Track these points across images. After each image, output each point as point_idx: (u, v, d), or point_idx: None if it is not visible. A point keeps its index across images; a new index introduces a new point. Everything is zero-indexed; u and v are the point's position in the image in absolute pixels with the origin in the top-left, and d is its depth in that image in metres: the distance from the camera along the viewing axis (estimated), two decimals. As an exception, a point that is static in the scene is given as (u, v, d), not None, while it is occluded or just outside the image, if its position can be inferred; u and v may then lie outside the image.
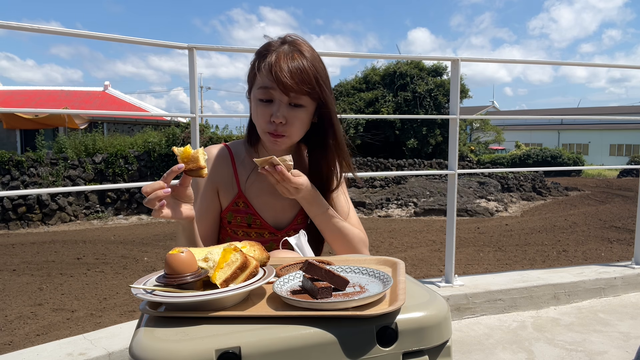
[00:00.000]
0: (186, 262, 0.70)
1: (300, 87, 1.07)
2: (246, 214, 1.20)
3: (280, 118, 1.09)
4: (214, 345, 0.58)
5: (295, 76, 1.06)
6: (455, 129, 2.69)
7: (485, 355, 2.16)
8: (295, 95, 1.08)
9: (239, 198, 1.20)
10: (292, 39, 1.13)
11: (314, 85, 1.08)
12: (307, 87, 1.08)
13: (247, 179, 1.21)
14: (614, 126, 34.03)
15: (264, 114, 1.11)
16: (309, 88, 1.08)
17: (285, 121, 1.10)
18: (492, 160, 21.42)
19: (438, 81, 18.47)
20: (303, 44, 1.12)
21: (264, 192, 1.21)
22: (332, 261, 0.90)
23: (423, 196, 10.94)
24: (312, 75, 1.08)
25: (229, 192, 1.21)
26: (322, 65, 1.13)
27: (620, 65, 3.38)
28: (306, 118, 1.13)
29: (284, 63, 1.06)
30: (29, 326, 3.82)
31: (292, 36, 1.14)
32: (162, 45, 2.17)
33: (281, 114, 1.09)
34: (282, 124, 1.10)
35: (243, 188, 1.20)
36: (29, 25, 1.85)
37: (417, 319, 0.65)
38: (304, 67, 1.07)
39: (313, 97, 1.11)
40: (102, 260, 5.99)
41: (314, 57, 1.12)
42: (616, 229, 7.67)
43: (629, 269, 3.01)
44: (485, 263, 5.64)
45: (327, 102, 1.13)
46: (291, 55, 1.08)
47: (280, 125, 1.10)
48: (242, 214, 1.20)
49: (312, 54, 1.12)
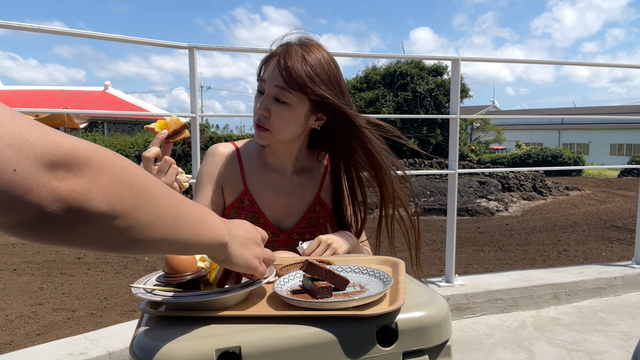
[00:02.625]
0: (186, 262, 0.70)
1: (285, 83, 1.05)
2: (250, 212, 1.19)
3: (263, 110, 1.08)
4: (214, 344, 0.58)
5: (282, 71, 1.05)
6: (456, 128, 2.69)
7: (485, 354, 2.16)
8: (280, 90, 1.06)
9: (244, 195, 1.19)
10: (305, 40, 1.12)
11: (303, 85, 1.05)
12: (292, 84, 1.05)
13: (254, 177, 1.20)
14: (615, 126, 34.01)
15: (255, 105, 1.11)
16: (295, 86, 1.05)
17: (268, 114, 1.08)
18: (493, 160, 21.42)
19: (438, 81, 18.48)
20: (314, 46, 1.10)
21: (269, 191, 1.20)
22: (332, 261, 0.90)
23: (423, 196, 10.94)
24: (303, 74, 1.04)
25: (235, 188, 1.19)
26: (327, 69, 1.09)
27: (621, 65, 3.38)
28: (291, 117, 1.09)
29: (281, 58, 1.06)
30: (30, 326, 3.83)
31: (309, 39, 1.13)
32: (163, 45, 2.17)
33: (263, 106, 1.08)
34: (265, 117, 1.09)
35: (249, 185, 1.19)
36: (32, 25, 1.85)
37: (417, 319, 0.65)
38: (296, 65, 1.05)
39: (303, 97, 1.07)
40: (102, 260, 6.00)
41: (319, 59, 1.08)
42: (617, 229, 7.67)
43: (629, 269, 3.01)
44: (485, 263, 5.64)
45: (328, 107, 1.09)
46: (293, 52, 1.06)
47: (262, 117, 1.09)
48: (247, 211, 1.19)
49: (319, 56, 1.08)
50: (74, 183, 0.40)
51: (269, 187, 1.20)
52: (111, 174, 0.44)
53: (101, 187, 0.43)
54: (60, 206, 0.40)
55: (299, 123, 1.11)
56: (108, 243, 0.46)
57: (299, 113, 1.10)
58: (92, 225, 0.43)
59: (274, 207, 1.20)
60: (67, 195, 0.40)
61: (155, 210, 0.49)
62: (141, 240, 0.48)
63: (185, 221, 0.53)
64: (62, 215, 0.40)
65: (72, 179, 0.40)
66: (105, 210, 0.43)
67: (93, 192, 0.42)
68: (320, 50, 1.11)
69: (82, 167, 0.41)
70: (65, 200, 0.40)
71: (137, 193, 0.46)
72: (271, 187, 1.20)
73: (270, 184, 1.20)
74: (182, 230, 0.53)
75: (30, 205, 0.38)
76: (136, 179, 0.47)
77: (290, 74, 1.04)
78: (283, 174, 1.21)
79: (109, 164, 0.44)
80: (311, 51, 1.09)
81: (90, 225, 0.43)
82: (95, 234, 0.44)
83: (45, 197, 0.39)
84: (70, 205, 0.40)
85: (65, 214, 0.40)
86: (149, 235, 0.49)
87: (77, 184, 0.41)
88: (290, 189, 1.21)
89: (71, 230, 0.42)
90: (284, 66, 1.05)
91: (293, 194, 1.21)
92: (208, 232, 0.58)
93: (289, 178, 1.21)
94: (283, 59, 1.06)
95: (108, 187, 0.43)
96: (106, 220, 0.44)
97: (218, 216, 0.62)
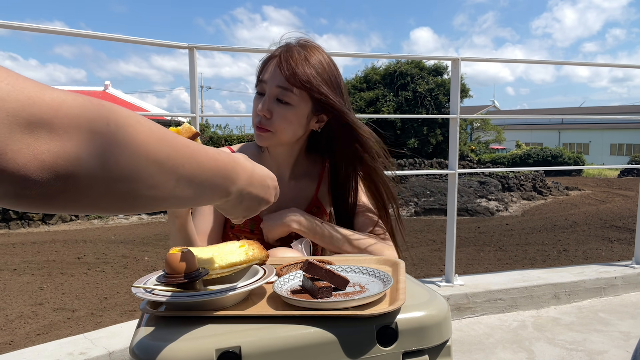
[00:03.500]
0: (186, 262, 0.70)
1: (288, 83, 1.04)
2: (250, 219, 1.17)
3: (264, 111, 1.07)
4: (214, 344, 0.58)
5: (285, 71, 1.04)
6: (456, 128, 2.69)
7: (485, 354, 2.16)
8: (282, 90, 1.06)
9: None
10: (305, 42, 1.11)
11: (306, 85, 1.04)
12: (295, 84, 1.04)
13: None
14: (615, 126, 34.02)
15: (254, 106, 1.10)
16: (299, 86, 1.04)
17: (270, 115, 1.07)
18: (493, 160, 21.42)
19: (439, 80, 18.48)
20: (313, 48, 1.10)
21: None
22: (333, 261, 0.90)
23: (423, 195, 10.94)
24: (306, 74, 1.04)
25: None
26: (328, 70, 1.09)
27: (621, 65, 3.38)
28: (293, 117, 1.08)
29: (282, 58, 1.05)
30: (30, 326, 3.83)
31: (308, 40, 1.12)
32: (162, 45, 2.17)
33: (265, 107, 1.07)
34: (267, 118, 1.08)
35: None
36: (32, 25, 1.85)
37: (417, 319, 0.65)
38: (298, 65, 1.04)
39: (305, 97, 1.07)
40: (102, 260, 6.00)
41: (320, 61, 1.08)
42: (617, 229, 7.67)
43: (629, 269, 3.01)
44: (485, 262, 5.65)
45: (329, 108, 1.09)
46: (293, 53, 1.06)
47: (264, 118, 1.08)
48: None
49: (319, 58, 1.08)
50: (58, 147, 0.34)
51: None
52: (105, 135, 0.37)
53: (93, 150, 0.36)
54: (46, 174, 0.34)
55: (301, 124, 1.11)
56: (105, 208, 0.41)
57: (301, 113, 1.09)
58: (87, 192, 0.37)
59: (272, 212, 1.18)
60: (52, 162, 0.34)
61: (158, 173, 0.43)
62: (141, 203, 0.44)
63: (189, 182, 0.48)
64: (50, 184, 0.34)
65: (56, 142, 0.34)
66: (101, 175, 0.37)
67: (84, 157, 0.36)
68: (320, 52, 1.11)
69: (67, 127, 0.35)
70: (50, 167, 0.34)
71: (137, 156, 0.41)
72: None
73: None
74: (186, 191, 0.48)
75: (6, 173, 0.32)
76: (136, 140, 0.40)
77: (293, 73, 1.04)
78: (281, 178, 1.19)
79: (101, 122, 0.37)
80: (312, 52, 1.09)
81: (84, 192, 0.37)
82: (91, 201, 0.39)
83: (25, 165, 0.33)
84: (58, 172, 0.34)
85: (53, 183, 0.34)
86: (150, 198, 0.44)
87: (63, 147, 0.34)
88: (288, 192, 1.19)
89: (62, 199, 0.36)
90: (286, 66, 1.04)
91: (290, 197, 1.20)
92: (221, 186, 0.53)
93: (287, 182, 1.20)
94: (285, 59, 1.05)
95: (102, 151, 0.37)
96: (102, 187, 0.38)
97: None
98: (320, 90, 1.06)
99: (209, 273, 0.73)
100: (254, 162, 0.64)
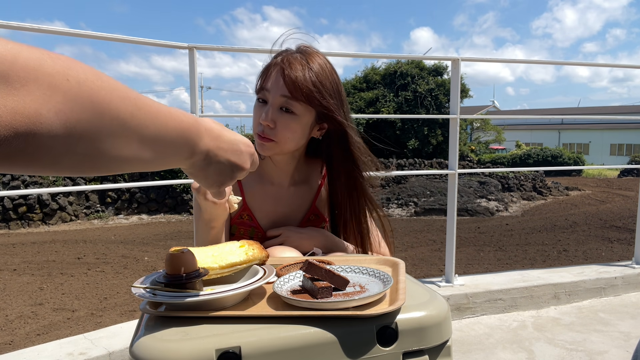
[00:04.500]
0: (186, 262, 0.70)
1: (293, 92, 1.03)
2: (249, 227, 1.17)
3: (268, 120, 1.05)
4: (214, 345, 0.58)
5: (290, 80, 1.03)
6: (456, 128, 2.69)
7: (485, 355, 2.16)
8: (287, 100, 1.04)
9: (243, 210, 1.17)
10: (305, 48, 1.11)
11: (312, 95, 1.04)
12: (301, 94, 1.03)
13: (252, 192, 1.17)
14: (615, 126, 34.02)
15: (256, 115, 1.08)
16: (303, 95, 1.03)
17: (273, 125, 1.06)
18: (493, 160, 21.42)
19: (439, 81, 18.46)
20: (314, 54, 1.09)
21: (267, 204, 1.18)
22: (332, 261, 0.90)
23: (423, 196, 10.94)
24: (310, 83, 1.03)
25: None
26: (331, 78, 1.08)
27: (622, 65, 3.38)
28: (297, 127, 1.07)
29: (286, 67, 1.04)
30: (30, 326, 3.83)
31: (307, 47, 1.12)
32: (162, 45, 2.17)
33: (269, 117, 1.05)
34: (271, 128, 1.06)
35: (248, 200, 1.17)
36: (32, 25, 1.85)
37: (417, 319, 0.65)
38: (303, 74, 1.03)
39: (310, 106, 1.06)
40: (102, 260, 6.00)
41: (322, 68, 1.07)
42: (616, 229, 7.67)
43: (629, 269, 3.01)
44: (485, 263, 5.65)
45: (331, 116, 1.08)
46: (296, 61, 1.05)
47: (267, 127, 1.06)
48: (246, 226, 1.17)
49: (322, 65, 1.08)
50: (16, 102, 0.32)
51: (266, 200, 1.18)
52: (65, 91, 0.36)
53: (53, 106, 0.34)
54: (4, 132, 0.32)
55: (304, 133, 1.10)
56: (67, 168, 0.40)
57: (305, 123, 1.09)
58: (48, 151, 0.36)
59: (271, 219, 1.18)
60: (10, 119, 0.32)
61: (121, 133, 0.42)
62: (104, 164, 0.42)
63: (153, 142, 0.46)
64: (8, 143, 0.32)
65: (13, 96, 0.32)
66: (62, 133, 0.36)
67: (44, 114, 0.34)
68: (321, 57, 1.10)
69: (24, 81, 0.33)
70: (8, 124, 0.32)
71: (100, 112, 0.39)
72: (269, 200, 1.18)
73: (267, 196, 1.18)
74: (149, 151, 0.46)
75: None
76: (97, 97, 0.39)
77: (297, 84, 1.03)
78: (281, 185, 1.19)
79: (60, 77, 0.35)
80: (313, 59, 1.08)
81: (46, 151, 0.36)
82: (52, 161, 0.37)
83: None
84: (17, 130, 0.32)
85: (12, 141, 0.32)
86: (113, 158, 0.42)
87: (21, 103, 0.32)
88: (287, 199, 1.19)
89: (22, 159, 0.35)
90: (289, 76, 1.03)
91: (289, 204, 1.19)
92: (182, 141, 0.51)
93: (287, 189, 1.20)
94: (288, 69, 1.04)
95: (62, 107, 0.35)
96: (64, 145, 0.37)
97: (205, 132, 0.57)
98: (324, 103, 1.06)
99: (209, 273, 0.73)
100: (225, 127, 0.63)
